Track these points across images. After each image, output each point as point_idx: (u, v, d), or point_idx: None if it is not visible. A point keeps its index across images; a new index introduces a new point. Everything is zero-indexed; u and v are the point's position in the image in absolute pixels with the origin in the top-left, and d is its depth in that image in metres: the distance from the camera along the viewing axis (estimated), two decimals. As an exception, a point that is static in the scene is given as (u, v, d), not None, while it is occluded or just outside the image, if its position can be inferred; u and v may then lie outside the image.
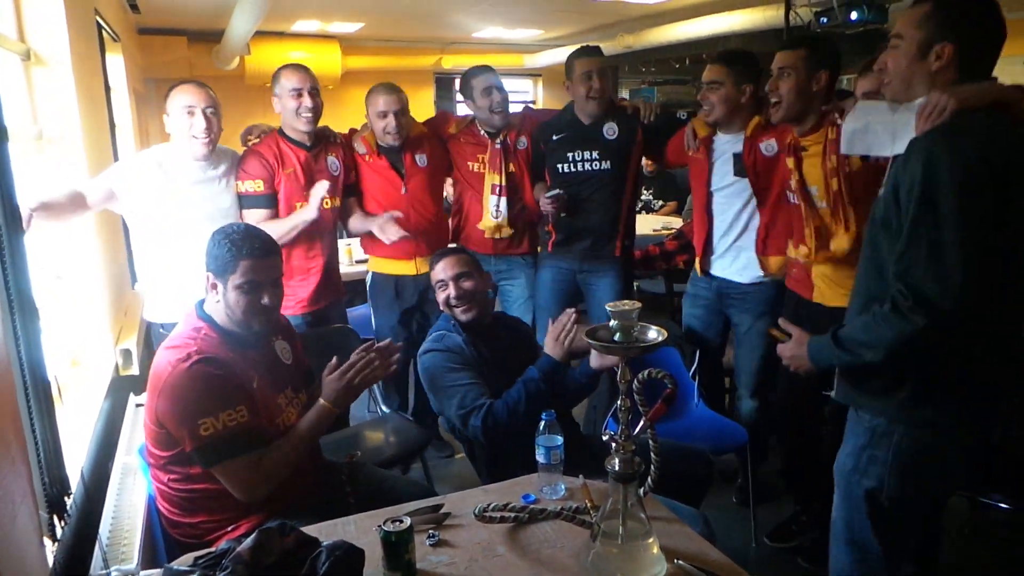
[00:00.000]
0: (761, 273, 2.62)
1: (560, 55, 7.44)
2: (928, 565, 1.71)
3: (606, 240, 2.97)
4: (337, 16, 6.03)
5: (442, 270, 2.20)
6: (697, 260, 2.81)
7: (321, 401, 1.79)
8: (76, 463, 1.79)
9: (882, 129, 1.67)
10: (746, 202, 2.61)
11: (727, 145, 2.62)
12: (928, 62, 1.47)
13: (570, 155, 2.92)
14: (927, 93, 1.48)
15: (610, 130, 2.90)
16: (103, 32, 3.39)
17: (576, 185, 2.93)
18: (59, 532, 1.46)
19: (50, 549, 1.41)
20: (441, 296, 2.20)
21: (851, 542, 1.62)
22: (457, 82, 8.06)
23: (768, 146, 2.51)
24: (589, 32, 6.98)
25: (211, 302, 1.79)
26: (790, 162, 2.32)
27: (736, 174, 2.59)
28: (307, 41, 6.77)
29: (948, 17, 1.46)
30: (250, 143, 2.79)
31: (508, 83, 3.18)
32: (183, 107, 2.41)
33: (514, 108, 3.15)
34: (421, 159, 2.98)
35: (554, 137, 2.97)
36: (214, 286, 1.76)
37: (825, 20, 4.72)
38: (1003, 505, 2.15)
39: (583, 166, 2.92)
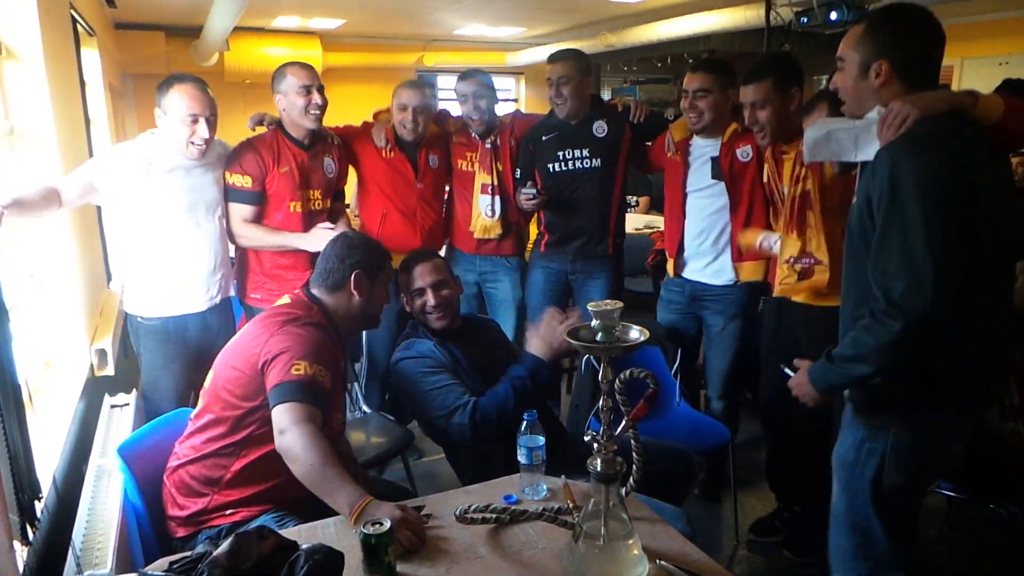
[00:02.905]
0: (734, 276, 2.68)
1: (543, 53, 7.42)
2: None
3: (598, 238, 2.99)
4: (318, 12, 5.97)
5: (419, 277, 2.16)
6: (670, 262, 2.86)
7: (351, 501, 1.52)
8: (50, 466, 1.75)
9: (844, 136, 1.72)
10: (721, 206, 2.66)
11: (705, 149, 2.67)
12: (869, 80, 1.57)
13: (560, 154, 2.93)
14: (878, 106, 1.56)
15: (600, 128, 2.92)
16: (78, 26, 3.33)
17: (567, 184, 2.94)
18: (31, 536, 1.43)
19: (21, 554, 1.38)
20: (417, 303, 2.17)
21: (854, 528, 1.67)
22: (439, 80, 8.16)
23: (744, 152, 2.58)
24: (572, 30, 6.98)
25: (333, 296, 1.90)
26: (767, 166, 2.42)
27: (714, 177, 2.65)
28: (287, 37, 6.70)
29: (880, 36, 1.55)
30: (257, 131, 2.79)
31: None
32: (186, 115, 2.33)
33: (501, 108, 3.16)
34: (433, 160, 3.04)
35: (544, 137, 2.97)
36: (358, 284, 1.90)
37: (805, 20, 4.75)
38: (955, 495, 2.23)
39: (574, 164, 2.93)
